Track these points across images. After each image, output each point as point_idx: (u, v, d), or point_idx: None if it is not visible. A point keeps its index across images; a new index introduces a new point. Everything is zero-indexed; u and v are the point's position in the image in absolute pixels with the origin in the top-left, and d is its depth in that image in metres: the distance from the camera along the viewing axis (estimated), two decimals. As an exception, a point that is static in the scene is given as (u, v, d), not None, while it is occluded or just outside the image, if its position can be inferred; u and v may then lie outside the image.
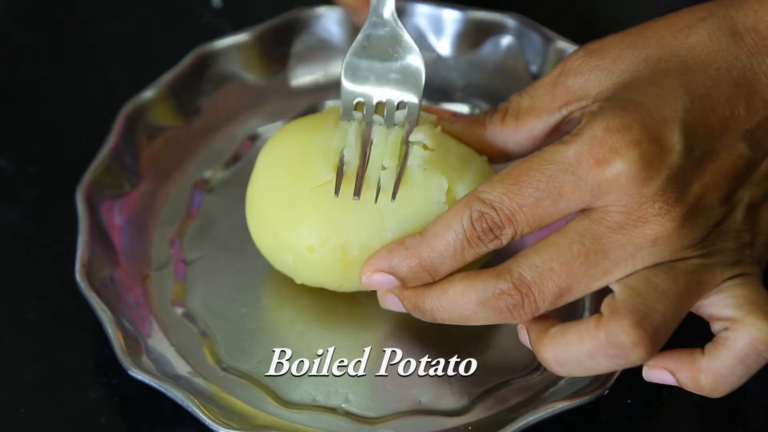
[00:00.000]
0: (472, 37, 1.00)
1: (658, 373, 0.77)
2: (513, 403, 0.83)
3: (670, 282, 0.74)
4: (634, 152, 0.73)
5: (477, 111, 1.00)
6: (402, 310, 0.81)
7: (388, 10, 0.86)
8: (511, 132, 0.83)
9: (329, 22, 1.00)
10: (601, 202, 0.74)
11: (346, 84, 0.85)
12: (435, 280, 0.78)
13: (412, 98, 0.85)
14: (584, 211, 0.75)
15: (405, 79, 0.85)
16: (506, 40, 0.99)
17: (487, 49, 1.00)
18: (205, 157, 0.97)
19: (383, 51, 0.86)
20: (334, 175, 0.81)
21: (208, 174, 0.96)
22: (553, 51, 0.97)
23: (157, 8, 1.10)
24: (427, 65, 0.84)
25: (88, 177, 0.90)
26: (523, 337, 0.78)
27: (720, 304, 0.75)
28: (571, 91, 0.80)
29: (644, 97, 0.75)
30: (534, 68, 0.99)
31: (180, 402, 0.79)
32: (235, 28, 1.00)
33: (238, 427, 0.79)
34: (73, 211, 0.89)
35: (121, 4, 1.10)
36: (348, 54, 0.86)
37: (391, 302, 0.81)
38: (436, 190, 0.81)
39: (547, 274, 0.74)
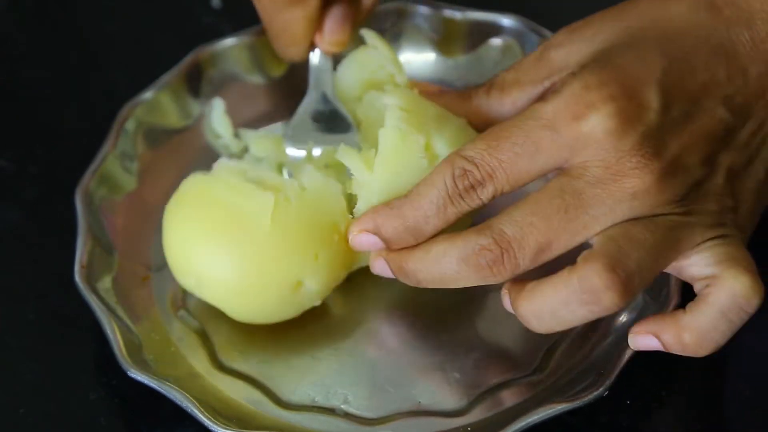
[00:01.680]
0: (471, 37, 1.00)
1: (643, 339, 0.77)
2: (513, 403, 0.83)
3: (648, 233, 0.75)
4: (611, 107, 0.74)
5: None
6: (389, 275, 0.81)
7: (329, 90, 0.92)
8: (496, 104, 0.84)
9: (329, 22, 1.00)
10: (579, 158, 0.75)
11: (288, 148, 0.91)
12: (419, 241, 0.79)
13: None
14: (564, 168, 0.76)
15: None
16: (505, 41, 0.99)
17: (486, 49, 1.00)
18: (204, 158, 0.97)
19: (324, 125, 0.91)
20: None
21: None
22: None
23: (157, 8, 1.10)
24: (426, 65, 0.84)
25: (87, 177, 0.90)
26: (506, 302, 0.79)
27: (701, 264, 0.76)
28: (553, 62, 0.81)
29: (623, 59, 0.76)
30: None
31: (179, 402, 0.79)
32: (235, 29, 1.00)
33: (238, 427, 0.79)
34: (73, 211, 0.89)
35: (121, 5, 1.10)
36: (290, 126, 0.92)
37: (379, 266, 0.81)
38: (414, 147, 0.81)
39: (527, 228, 0.75)
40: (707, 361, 0.85)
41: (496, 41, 0.99)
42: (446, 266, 0.77)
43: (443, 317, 0.87)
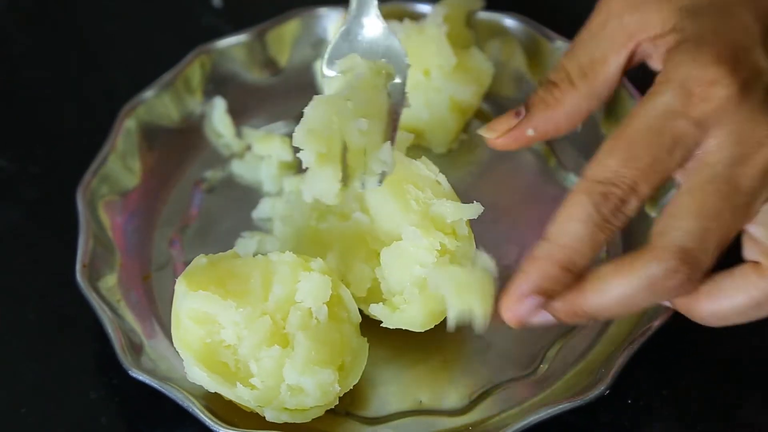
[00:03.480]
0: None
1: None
2: (514, 402, 0.83)
3: None
4: (731, 79, 0.73)
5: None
6: (551, 322, 0.77)
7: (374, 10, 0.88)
8: (588, 89, 0.82)
9: (329, 22, 1.00)
10: (713, 140, 0.73)
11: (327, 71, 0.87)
12: (577, 276, 0.75)
13: (397, 79, 0.86)
14: (697, 161, 0.74)
15: (389, 60, 0.86)
16: (507, 40, 0.99)
17: (488, 49, 1.00)
18: (205, 157, 0.97)
19: (365, 40, 0.87)
20: None
21: (208, 174, 0.96)
22: (553, 51, 0.97)
23: (157, 8, 1.10)
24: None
25: (88, 177, 0.90)
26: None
27: None
28: (629, 27, 0.79)
29: (721, 27, 0.75)
30: (534, 68, 0.98)
31: (180, 402, 0.79)
32: (235, 28, 1.00)
33: (238, 427, 0.79)
34: (73, 211, 0.89)
35: (121, 5, 1.10)
36: (330, 45, 0.87)
37: (539, 319, 0.77)
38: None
39: (705, 235, 0.72)
40: (707, 361, 0.85)
41: (497, 41, 0.99)
42: (630, 298, 0.74)
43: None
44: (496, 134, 0.84)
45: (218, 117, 0.97)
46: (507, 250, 0.89)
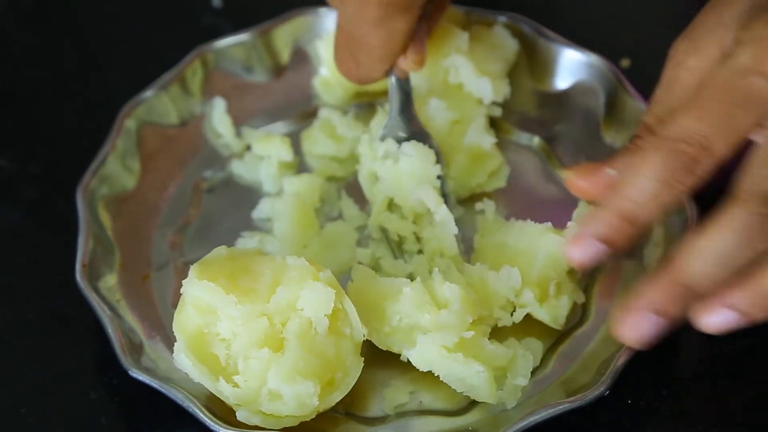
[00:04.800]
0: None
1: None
2: (514, 402, 0.83)
3: None
4: None
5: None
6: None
7: (411, 111, 0.90)
8: None
9: (329, 22, 1.00)
10: None
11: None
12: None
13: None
14: None
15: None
16: (507, 40, 0.99)
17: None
18: (204, 157, 0.97)
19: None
20: None
21: (208, 174, 0.96)
22: (553, 50, 0.97)
23: (157, 8, 1.10)
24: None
25: (88, 177, 0.90)
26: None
27: None
28: (695, 71, 0.77)
29: None
30: (534, 68, 0.98)
31: (180, 402, 0.79)
32: (235, 28, 1.00)
33: (238, 427, 0.79)
34: (73, 211, 0.89)
35: (121, 5, 1.10)
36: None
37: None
38: None
39: None
40: (707, 361, 0.85)
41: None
42: (726, 255, 0.71)
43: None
44: (579, 181, 0.81)
45: (218, 117, 0.97)
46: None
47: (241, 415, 0.78)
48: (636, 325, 0.73)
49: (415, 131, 0.91)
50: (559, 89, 0.97)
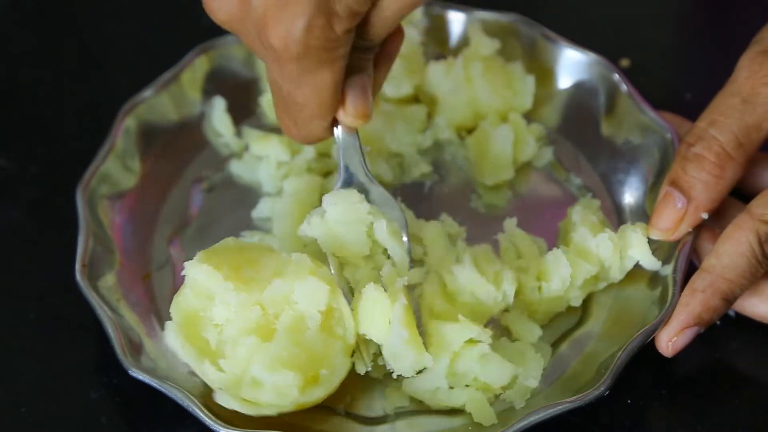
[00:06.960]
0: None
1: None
2: (514, 402, 0.83)
3: None
4: None
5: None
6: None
7: (361, 169, 0.86)
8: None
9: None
10: None
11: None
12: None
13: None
14: None
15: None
16: (508, 41, 0.99)
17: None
18: (204, 157, 0.97)
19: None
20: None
21: (207, 173, 0.96)
22: (554, 50, 0.97)
23: (157, 8, 1.10)
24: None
25: (87, 177, 0.90)
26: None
27: None
28: None
29: None
30: (534, 68, 0.98)
31: (180, 402, 0.79)
32: (235, 28, 1.00)
33: (238, 427, 0.79)
34: (73, 211, 0.89)
35: (121, 4, 1.10)
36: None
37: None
38: None
39: None
40: (707, 361, 0.85)
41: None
42: (744, 267, 0.80)
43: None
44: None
45: (218, 116, 0.97)
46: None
47: (221, 399, 0.78)
48: (683, 340, 0.80)
49: (363, 184, 0.87)
50: (560, 89, 0.97)
